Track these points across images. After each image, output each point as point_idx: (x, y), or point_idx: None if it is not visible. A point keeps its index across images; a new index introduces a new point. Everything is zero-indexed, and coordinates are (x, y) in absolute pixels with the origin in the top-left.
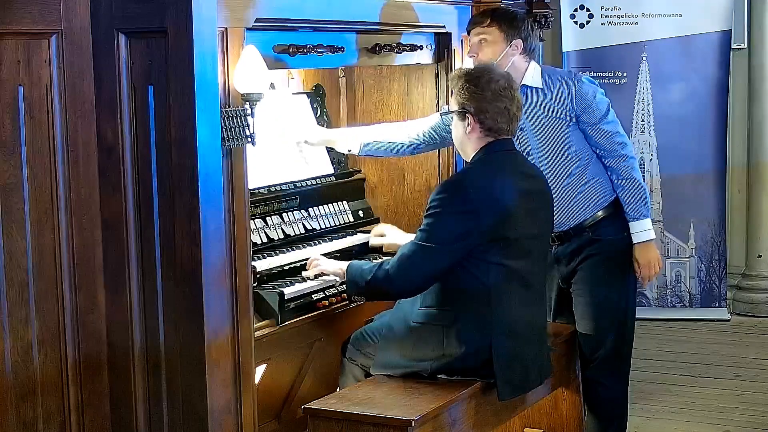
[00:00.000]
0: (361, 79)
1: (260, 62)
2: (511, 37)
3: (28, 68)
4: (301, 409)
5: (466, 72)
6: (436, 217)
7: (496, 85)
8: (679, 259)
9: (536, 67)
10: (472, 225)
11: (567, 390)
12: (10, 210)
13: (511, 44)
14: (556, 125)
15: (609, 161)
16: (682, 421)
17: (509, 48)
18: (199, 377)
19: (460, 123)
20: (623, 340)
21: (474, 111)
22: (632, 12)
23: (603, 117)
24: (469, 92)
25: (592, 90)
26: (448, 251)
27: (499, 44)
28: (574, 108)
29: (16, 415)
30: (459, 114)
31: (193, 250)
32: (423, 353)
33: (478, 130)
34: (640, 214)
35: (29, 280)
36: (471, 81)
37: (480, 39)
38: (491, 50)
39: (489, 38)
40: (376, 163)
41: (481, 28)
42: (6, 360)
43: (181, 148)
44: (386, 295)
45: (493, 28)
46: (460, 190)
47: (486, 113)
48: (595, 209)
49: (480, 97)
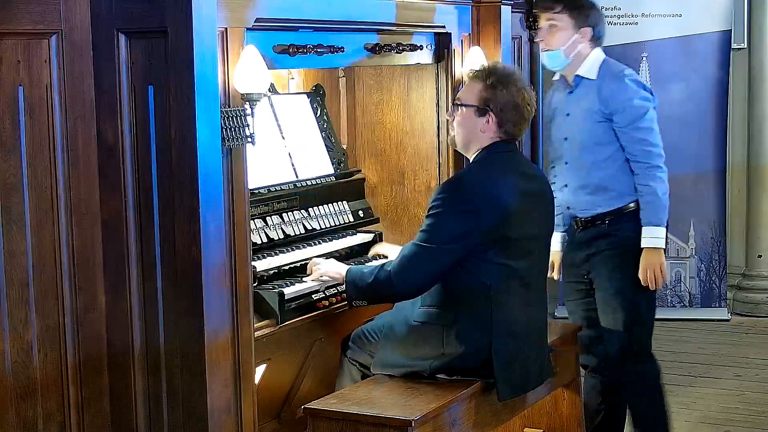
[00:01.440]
0: (361, 79)
1: (260, 62)
2: (580, 24)
3: (28, 68)
4: (301, 409)
5: (497, 70)
6: (437, 217)
7: (524, 92)
8: (679, 259)
9: (598, 57)
10: (472, 225)
11: (567, 390)
12: (10, 210)
13: (579, 31)
14: (592, 117)
15: (633, 165)
16: (682, 421)
17: (577, 35)
18: (199, 377)
19: (476, 118)
20: (638, 336)
21: (498, 111)
22: (632, 12)
23: (634, 122)
24: (498, 92)
25: (632, 93)
26: (449, 251)
27: (567, 30)
28: (609, 106)
29: (16, 415)
30: (479, 110)
31: (193, 250)
32: (423, 352)
33: (494, 130)
34: (650, 222)
35: (29, 280)
36: (503, 82)
37: (549, 24)
38: (560, 36)
39: (559, 24)
40: (376, 163)
41: (552, 14)
42: (6, 360)
43: (181, 148)
44: (388, 296)
45: (563, 14)
46: (460, 190)
47: (508, 116)
48: (618, 204)
49: (510, 101)
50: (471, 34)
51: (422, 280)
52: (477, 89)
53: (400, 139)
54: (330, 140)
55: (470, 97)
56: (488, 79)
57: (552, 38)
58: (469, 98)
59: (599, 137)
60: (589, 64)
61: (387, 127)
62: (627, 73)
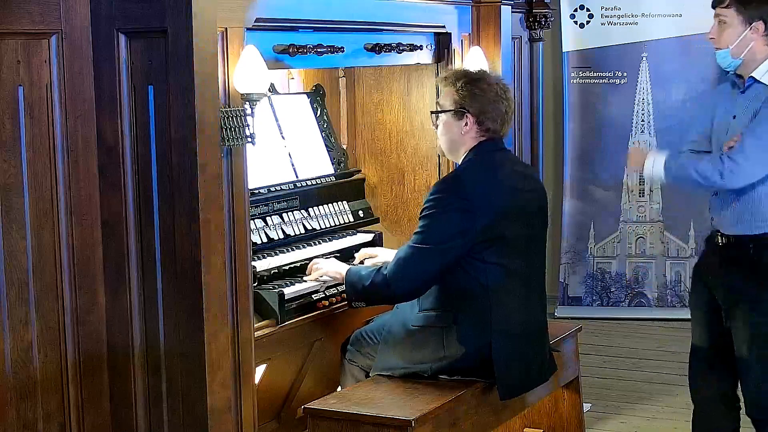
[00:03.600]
0: (361, 79)
1: (260, 62)
2: (751, 19)
3: (28, 68)
4: (301, 409)
5: (465, 73)
6: (432, 217)
7: (496, 87)
8: (679, 259)
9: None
10: (467, 223)
11: (567, 390)
12: (10, 210)
13: (751, 26)
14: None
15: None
16: (683, 421)
17: (749, 31)
18: (199, 377)
19: (455, 122)
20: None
21: (474, 111)
22: (632, 12)
23: (755, 128)
24: (470, 92)
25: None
26: (444, 251)
27: (736, 27)
28: (756, 115)
29: (16, 415)
30: (456, 113)
31: (193, 250)
32: (423, 356)
33: (475, 131)
34: (672, 164)
35: (29, 280)
36: (471, 82)
37: (719, 20)
38: (728, 33)
39: (727, 20)
40: (376, 163)
41: (720, 9)
42: (6, 360)
43: (181, 148)
44: (386, 300)
45: (730, 9)
46: (455, 189)
47: (486, 114)
48: (763, 227)
49: (482, 98)
50: (471, 34)
51: (419, 282)
52: (450, 94)
53: (400, 139)
54: (330, 140)
55: (445, 103)
56: (458, 82)
57: (721, 36)
58: (445, 104)
59: None
60: (765, 68)
61: (387, 127)
62: None
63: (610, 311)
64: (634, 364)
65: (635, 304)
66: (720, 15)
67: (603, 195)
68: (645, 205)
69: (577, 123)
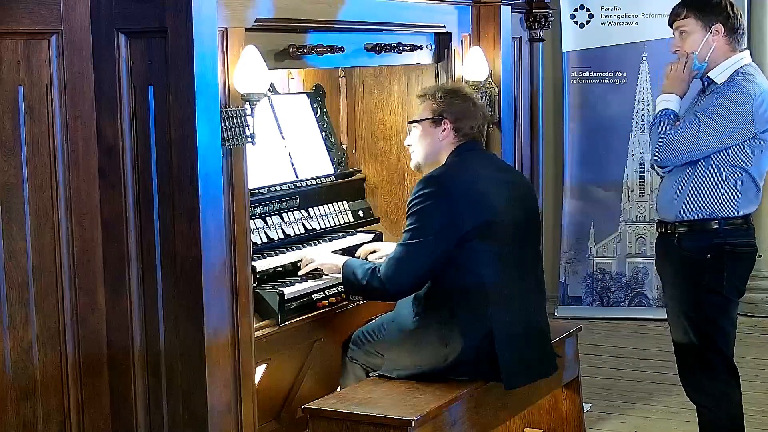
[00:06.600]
0: (361, 79)
1: (260, 62)
2: (710, 22)
3: (28, 68)
4: (301, 409)
5: (442, 86)
6: (418, 213)
7: (472, 98)
8: None
9: (734, 65)
10: (454, 214)
11: (567, 390)
12: (10, 210)
13: (711, 29)
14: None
15: None
16: (683, 421)
17: (710, 34)
18: (199, 377)
19: (433, 129)
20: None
21: (451, 117)
22: (632, 12)
23: (697, 109)
24: (448, 100)
25: (723, 92)
26: (434, 244)
27: (697, 33)
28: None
29: (16, 415)
30: (434, 121)
31: (193, 250)
32: (428, 354)
33: (452, 136)
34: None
35: (29, 280)
36: (449, 93)
37: (679, 32)
38: (691, 40)
39: (687, 29)
40: (376, 163)
41: (678, 22)
42: (6, 360)
43: (181, 148)
44: (383, 298)
45: (689, 18)
46: (437, 183)
47: (463, 120)
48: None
49: (459, 105)
50: (471, 34)
51: (413, 278)
52: (429, 105)
53: (400, 139)
54: (330, 140)
55: (424, 114)
56: (437, 93)
57: (684, 44)
58: (423, 115)
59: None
60: (720, 70)
61: (387, 127)
62: (733, 84)
63: (610, 311)
64: (634, 364)
65: (635, 304)
66: (680, 27)
67: (603, 195)
68: (645, 205)
69: (577, 123)
